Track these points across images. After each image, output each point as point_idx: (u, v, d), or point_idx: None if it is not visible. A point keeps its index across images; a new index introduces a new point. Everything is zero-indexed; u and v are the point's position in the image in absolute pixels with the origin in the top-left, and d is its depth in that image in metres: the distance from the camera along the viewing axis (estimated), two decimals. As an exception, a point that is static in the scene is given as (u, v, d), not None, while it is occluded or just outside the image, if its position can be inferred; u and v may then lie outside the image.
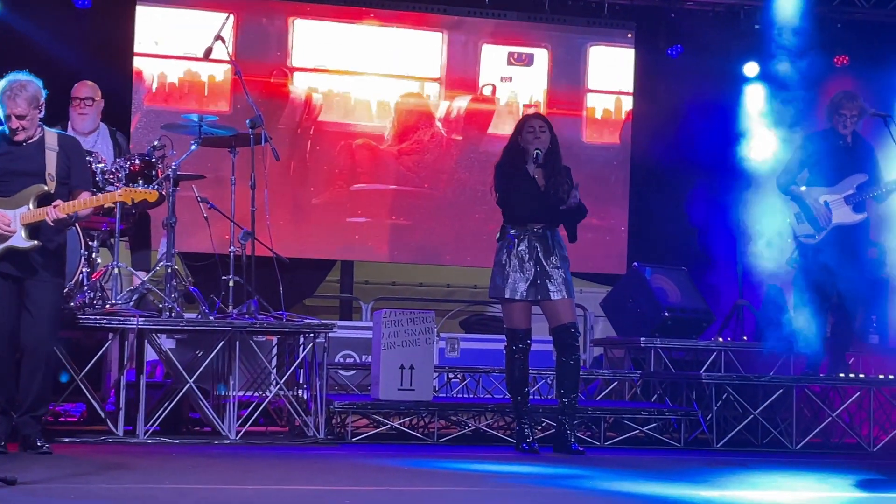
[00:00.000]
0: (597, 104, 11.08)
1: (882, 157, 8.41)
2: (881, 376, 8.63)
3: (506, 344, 7.25)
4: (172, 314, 7.40)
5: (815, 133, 8.63)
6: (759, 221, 9.04)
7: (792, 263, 8.72)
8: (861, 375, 8.57)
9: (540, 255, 7.12)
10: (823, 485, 6.31)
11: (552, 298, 7.09)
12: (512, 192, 7.19)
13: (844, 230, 8.26)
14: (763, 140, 10.24)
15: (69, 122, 8.25)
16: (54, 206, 6.32)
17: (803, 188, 8.40)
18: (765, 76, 10.89)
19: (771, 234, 8.73)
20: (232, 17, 8.72)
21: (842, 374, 8.42)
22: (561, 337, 7.17)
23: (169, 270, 7.51)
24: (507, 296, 7.11)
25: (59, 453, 6.39)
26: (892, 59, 10.83)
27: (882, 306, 9.57)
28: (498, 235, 7.31)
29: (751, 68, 10.99)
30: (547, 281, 7.08)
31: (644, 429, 8.07)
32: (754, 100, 10.94)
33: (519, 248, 7.14)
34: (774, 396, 8.24)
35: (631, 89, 11.12)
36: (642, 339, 8.97)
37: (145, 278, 7.70)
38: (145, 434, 7.17)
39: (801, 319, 8.45)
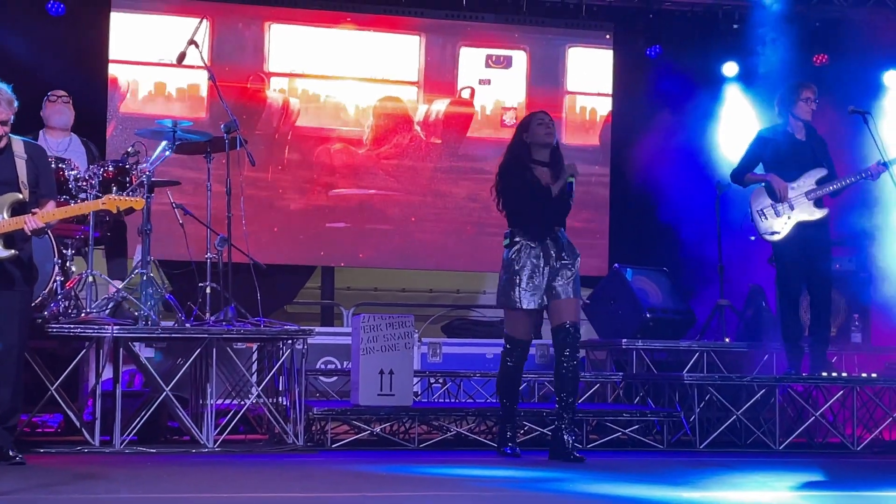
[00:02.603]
0: (576, 106, 11.04)
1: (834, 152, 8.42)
2: (864, 375, 8.60)
3: (503, 348, 7.06)
4: (149, 322, 7.32)
5: (770, 128, 8.57)
6: (741, 220, 9.02)
7: (773, 262, 8.71)
8: (844, 374, 8.54)
9: (553, 256, 6.90)
10: (807, 485, 6.26)
11: (560, 298, 6.87)
12: (522, 200, 6.95)
13: (808, 227, 8.23)
14: (743, 139, 10.22)
15: (45, 124, 8.31)
16: (32, 215, 6.25)
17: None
18: (744, 76, 10.89)
19: (753, 232, 8.69)
20: (207, 22, 8.65)
21: (824, 374, 8.38)
22: (560, 336, 6.91)
23: (145, 278, 7.43)
24: (518, 307, 6.89)
25: (34, 464, 6.31)
26: (870, 57, 10.82)
27: (864, 305, 9.55)
28: (506, 241, 7.03)
29: (730, 68, 11.00)
30: (556, 281, 6.87)
31: (626, 431, 8.02)
32: (733, 99, 10.94)
33: (532, 255, 6.90)
34: (757, 397, 8.21)
35: (610, 90, 11.10)
36: (624, 340, 8.93)
37: (120, 286, 7.62)
38: (122, 444, 7.08)
39: (781, 318, 8.42)
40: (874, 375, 8.55)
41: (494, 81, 10.92)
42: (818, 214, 8.26)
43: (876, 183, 8.35)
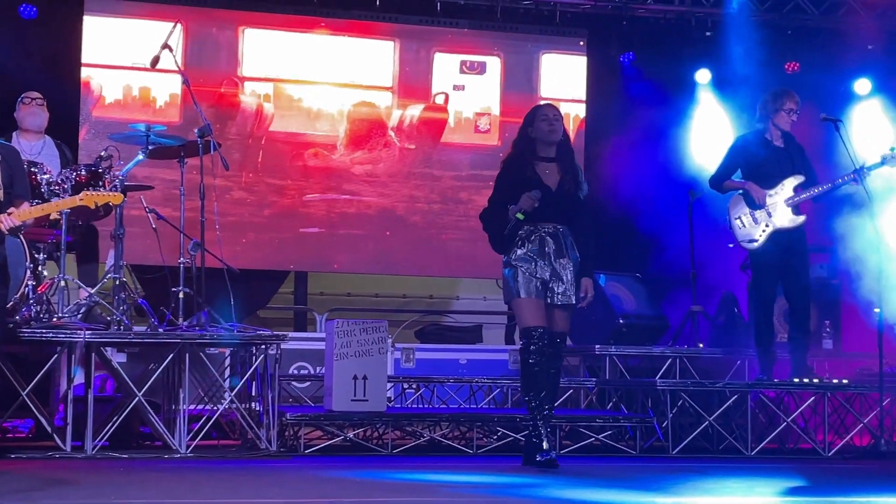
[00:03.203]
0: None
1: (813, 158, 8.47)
2: (835, 381, 8.64)
3: (521, 346, 6.81)
4: (121, 327, 7.29)
5: (749, 134, 8.58)
6: (713, 227, 9.07)
7: (745, 268, 8.75)
8: (815, 380, 8.58)
9: (552, 255, 6.74)
10: (779, 490, 6.29)
11: (556, 303, 6.74)
12: (519, 191, 6.71)
13: (785, 234, 8.26)
14: (716, 146, 10.28)
15: (18, 126, 8.28)
16: (8, 214, 6.22)
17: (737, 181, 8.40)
18: (716, 83, 10.95)
19: (731, 239, 8.73)
20: (180, 26, 8.61)
21: (796, 379, 8.42)
22: (547, 343, 6.73)
23: (117, 283, 7.41)
24: (521, 295, 6.71)
25: (5, 469, 6.27)
26: (842, 65, 10.91)
27: (835, 311, 9.61)
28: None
29: (702, 75, 11.05)
30: (556, 284, 6.73)
31: (599, 437, 8.04)
32: (707, 106, 10.99)
33: (531, 250, 6.73)
34: (729, 402, 8.24)
35: (583, 97, 11.13)
36: (597, 346, 8.96)
37: (93, 291, 7.58)
38: (94, 449, 7.05)
39: (754, 324, 8.46)
40: (845, 381, 8.60)
41: (468, 87, 10.93)
42: (797, 221, 8.27)
43: (848, 190, 8.38)
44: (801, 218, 8.29)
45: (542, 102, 7.18)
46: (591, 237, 6.94)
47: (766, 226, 8.26)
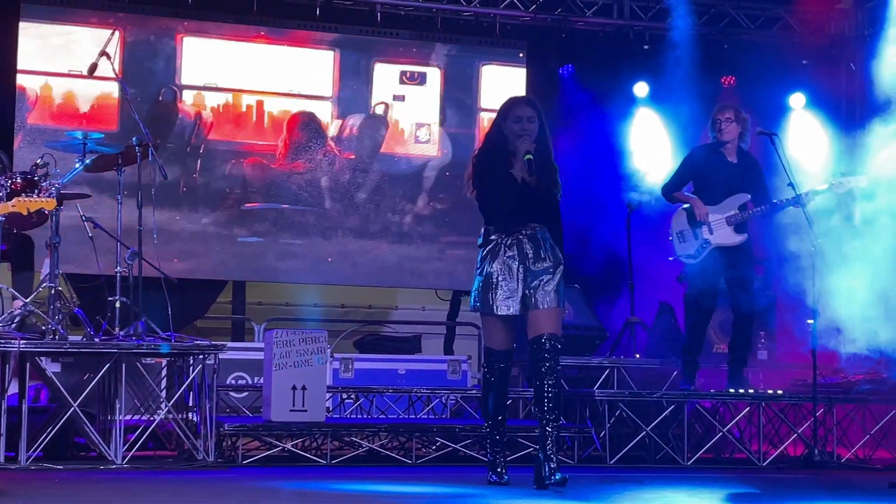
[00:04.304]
0: (489, 123, 11.07)
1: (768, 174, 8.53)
2: (770, 392, 8.75)
3: (483, 365, 6.49)
4: (56, 336, 7.21)
5: (702, 146, 8.68)
6: (651, 238, 9.15)
7: (682, 280, 8.82)
8: (750, 391, 8.68)
9: (530, 259, 6.26)
10: (714, 500, 6.34)
11: (539, 308, 6.21)
12: (495, 191, 6.30)
13: (726, 251, 8.35)
14: (653, 158, 10.39)
15: None
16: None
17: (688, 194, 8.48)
18: (654, 96, 11.05)
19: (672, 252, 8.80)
20: (118, 33, 8.57)
21: (731, 390, 8.52)
22: (534, 349, 6.24)
23: (52, 292, 7.32)
24: (494, 312, 6.26)
25: (-64, 482, 6.17)
26: (777, 79, 11.05)
27: (770, 323, 9.72)
28: (480, 240, 6.43)
29: (640, 88, 11.13)
30: (535, 289, 6.22)
31: (537, 447, 8.04)
32: (644, 119, 11.09)
33: (507, 255, 6.27)
34: (666, 412, 8.31)
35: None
36: (536, 356, 8.97)
37: (27, 300, 7.48)
38: (28, 460, 6.95)
39: (685, 334, 8.56)
40: (780, 392, 8.71)
41: (408, 98, 10.94)
42: (737, 240, 8.33)
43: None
44: (743, 236, 8.34)
45: (517, 96, 6.68)
46: (560, 236, 6.45)
47: (706, 242, 8.35)
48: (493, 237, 6.35)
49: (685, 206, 8.43)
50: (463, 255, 10.75)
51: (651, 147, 10.80)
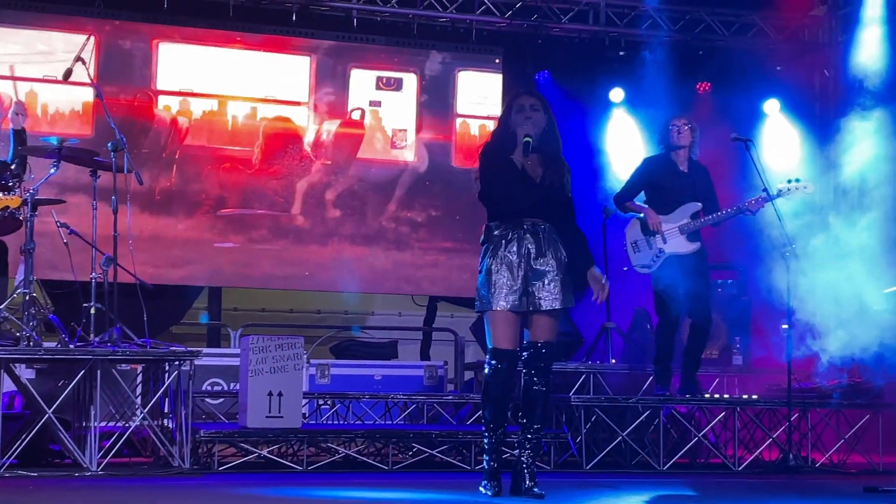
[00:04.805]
0: (466, 129, 11.12)
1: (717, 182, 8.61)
2: (745, 396, 8.79)
3: (486, 365, 6.14)
4: (31, 343, 7.17)
5: (654, 157, 8.71)
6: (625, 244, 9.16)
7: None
8: (725, 396, 8.70)
9: (532, 255, 6.06)
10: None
11: (540, 309, 6.05)
12: (496, 183, 6.11)
13: (681, 259, 8.39)
14: (629, 164, 10.40)
15: None
16: None
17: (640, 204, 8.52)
18: (630, 101, 11.09)
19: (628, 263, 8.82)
20: (93, 38, 8.52)
21: (707, 395, 8.54)
22: (532, 355, 6.12)
23: (27, 298, 7.28)
24: (493, 307, 6.04)
25: None
26: (751, 85, 11.10)
27: (745, 328, 9.75)
28: (482, 237, 6.25)
29: (616, 94, 11.16)
30: (537, 288, 6.04)
31: (514, 452, 8.04)
32: (620, 124, 11.12)
33: (507, 251, 6.08)
34: (642, 418, 8.33)
35: (499, 114, 11.13)
36: (512, 362, 8.97)
37: (1, 306, 7.44)
38: (2, 468, 6.90)
39: (655, 341, 8.59)
40: (755, 397, 8.75)
41: (385, 103, 10.94)
42: (691, 248, 8.39)
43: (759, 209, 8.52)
44: (696, 245, 8.40)
45: (521, 90, 6.50)
46: (581, 233, 6.28)
47: (660, 251, 8.40)
48: (495, 233, 6.16)
49: (639, 215, 8.48)
50: (438, 261, 10.76)
51: (627, 153, 10.82)
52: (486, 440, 6.17)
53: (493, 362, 6.08)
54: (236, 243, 10.47)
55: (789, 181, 8.40)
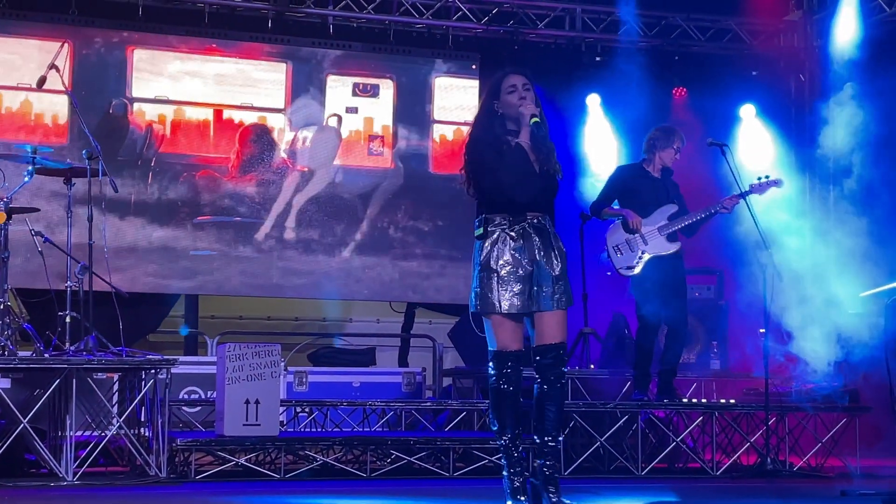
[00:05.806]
0: (443, 135, 11.11)
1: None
2: (722, 401, 8.81)
3: (491, 370, 5.69)
4: (5, 352, 7.13)
5: (628, 165, 8.92)
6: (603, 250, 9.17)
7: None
8: (703, 400, 8.72)
9: (538, 252, 5.58)
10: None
11: (551, 309, 5.59)
12: (503, 171, 5.54)
13: (661, 261, 8.43)
14: (606, 169, 10.41)
15: None
16: None
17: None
18: (606, 107, 11.10)
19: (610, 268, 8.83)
20: (67, 46, 8.46)
21: (685, 399, 8.56)
22: (545, 358, 5.65)
23: (1, 307, 7.24)
24: (499, 310, 5.57)
25: None
26: (727, 90, 11.14)
27: (722, 332, 9.78)
28: (479, 231, 5.64)
29: (593, 99, 11.18)
30: (544, 286, 5.57)
31: (493, 458, 8.05)
32: (597, 130, 11.14)
33: (513, 247, 5.58)
34: (620, 423, 8.33)
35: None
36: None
37: (-24, 315, 7.40)
38: (-24, 478, 6.88)
39: (635, 346, 8.60)
40: (732, 402, 8.77)
41: (361, 109, 10.92)
42: (671, 249, 8.46)
43: (734, 214, 8.57)
44: (676, 245, 8.48)
45: (508, 70, 5.79)
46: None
47: (643, 253, 8.43)
48: (493, 227, 5.60)
49: (619, 218, 8.51)
50: (415, 268, 10.75)
51: (604, 158, 10.85)
52: (503, 455, 5.65)
53: (503, 365, 5.64)
54: (213, 251, 10.42)
55: (759, 178, 8.46)
